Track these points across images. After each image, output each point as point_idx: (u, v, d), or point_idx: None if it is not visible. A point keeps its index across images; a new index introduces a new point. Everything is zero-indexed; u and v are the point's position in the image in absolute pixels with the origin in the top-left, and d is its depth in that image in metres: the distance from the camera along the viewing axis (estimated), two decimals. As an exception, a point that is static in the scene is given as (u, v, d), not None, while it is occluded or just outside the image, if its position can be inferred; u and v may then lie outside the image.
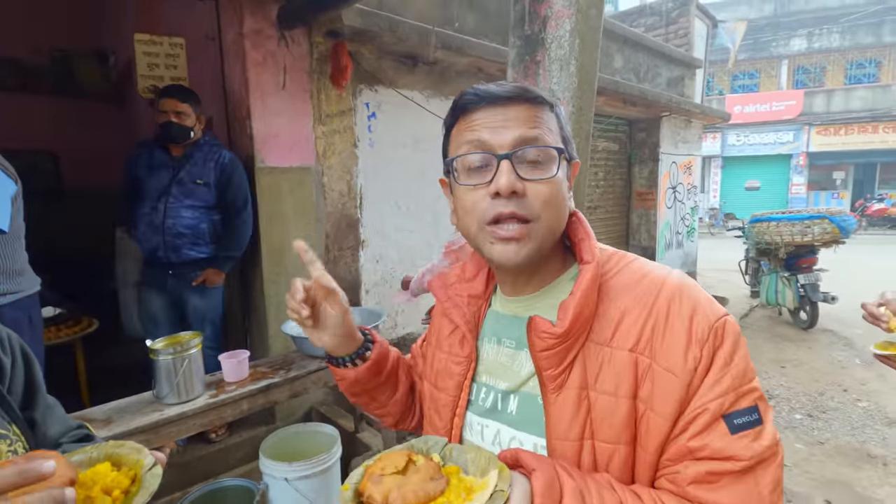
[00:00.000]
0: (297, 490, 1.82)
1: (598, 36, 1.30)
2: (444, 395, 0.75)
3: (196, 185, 2.35)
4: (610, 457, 0.59)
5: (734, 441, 0.54)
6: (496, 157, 0.61)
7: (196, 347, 1.70)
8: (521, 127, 0.62)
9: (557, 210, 0.63)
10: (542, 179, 0.61)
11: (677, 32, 6.87)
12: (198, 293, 2.44)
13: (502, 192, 0.60)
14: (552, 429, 0.62)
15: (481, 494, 0.50)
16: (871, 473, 2.81)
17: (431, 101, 3.30)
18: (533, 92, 0.64)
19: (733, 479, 0.54)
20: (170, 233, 2.35)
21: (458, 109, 0.66)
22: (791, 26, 18.11)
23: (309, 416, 2.76)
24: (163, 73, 2.41)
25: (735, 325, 0.60)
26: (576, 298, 0.61)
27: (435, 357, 0.80)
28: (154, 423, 1.55)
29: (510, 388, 0.69)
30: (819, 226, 5.03)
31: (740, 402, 0.56)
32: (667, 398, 0.57)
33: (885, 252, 11.08)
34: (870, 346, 1.20)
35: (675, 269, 0.67)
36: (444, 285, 0.78)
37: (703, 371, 0.57)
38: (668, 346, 0.58)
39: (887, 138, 16.72)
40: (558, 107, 0.68)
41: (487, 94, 0.63)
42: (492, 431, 0.70)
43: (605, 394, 0.60)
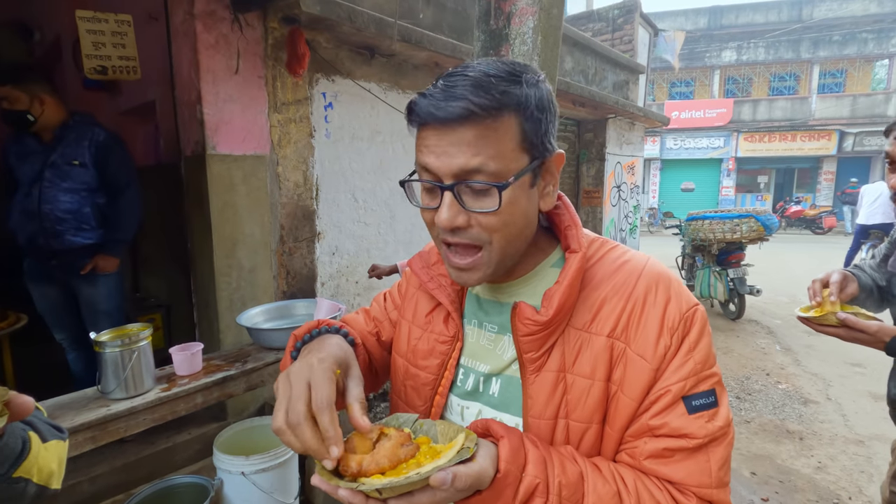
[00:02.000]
0: (254, 484, 1.78)
1: (559, 34, 1.37)
2: (425, 373, 0.74)
3: (71, 166, 2.24)
4: (582, 434, 0.63)
5: (691, 421, 0.59)
6: (440, 188, 0.59)
7: (146, 339, 1.62)
8: (464, 154, 0.57)
9: (513, 229, 0.62)
10: (486, 212, 0.59)
11: (622, 39, 7.20)
12: (88, 282, 2.33)
13: (444, 228, 0.60)
14: (529, 408, 0.64)
15: (449, 451, 0.53)
16: (790, 447, 3.10)
17: (389, 94, 3.29)
18: (482, 104, 0.55)
19: (686, 455, 0.59)
20: (48, 218, 2.22)
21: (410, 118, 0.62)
22: (723, 39, 19.41)
23: (262, 410, 2.69)
24: (110, 52, 2.25)
25: (703, 314, 0.64)
26: (561, 288, 0.62)
27: (411, 332, 0.79)
28: (101, 419, 1.47)
29: (492, 371, 0.70)
30: (747, 224, 5.46)
31: (700, 386, 0.60)
32: (637, 381, 0.60)
33: (801, 250, 12.17)
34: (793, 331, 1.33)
35: (651, 257, 0.69)
36: (426, 265, 0.78)
37: (670, 357, 0.61)
38: (642, 333, 0.62)
39: (804, 146, 18.32)
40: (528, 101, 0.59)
41: (430, 115, 0.57)
42: (473, 412, 0.71)
43: (581, 376, 0.62)
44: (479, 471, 0.52)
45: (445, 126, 0.57)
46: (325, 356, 0.61)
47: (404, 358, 0.79)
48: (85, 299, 2.36)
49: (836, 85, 19.06)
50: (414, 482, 0.49)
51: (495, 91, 0.57)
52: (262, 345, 2.04)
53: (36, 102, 2.17)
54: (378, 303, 0.92)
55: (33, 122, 2.18)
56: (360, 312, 0.93)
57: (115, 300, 2.43)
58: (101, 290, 2.36)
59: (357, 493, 0.49)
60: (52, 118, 2.23)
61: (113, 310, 2.41)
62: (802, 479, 2.76)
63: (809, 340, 5.23)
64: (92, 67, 2.24)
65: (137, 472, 2.20)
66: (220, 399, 1.82)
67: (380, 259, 3.38)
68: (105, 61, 2.22)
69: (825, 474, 2.80)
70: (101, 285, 2.36)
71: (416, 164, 0.62)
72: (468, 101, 0.55)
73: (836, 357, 4.70)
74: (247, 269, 2.57)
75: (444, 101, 0.56)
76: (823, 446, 3.10)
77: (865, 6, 17.64)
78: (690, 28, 18.34)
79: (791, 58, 18.79)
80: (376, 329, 0.88)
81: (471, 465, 0.52)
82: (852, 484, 2.70)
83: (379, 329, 0.88)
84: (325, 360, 0.59)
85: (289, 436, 0.53)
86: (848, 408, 3.66)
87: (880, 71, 19.17)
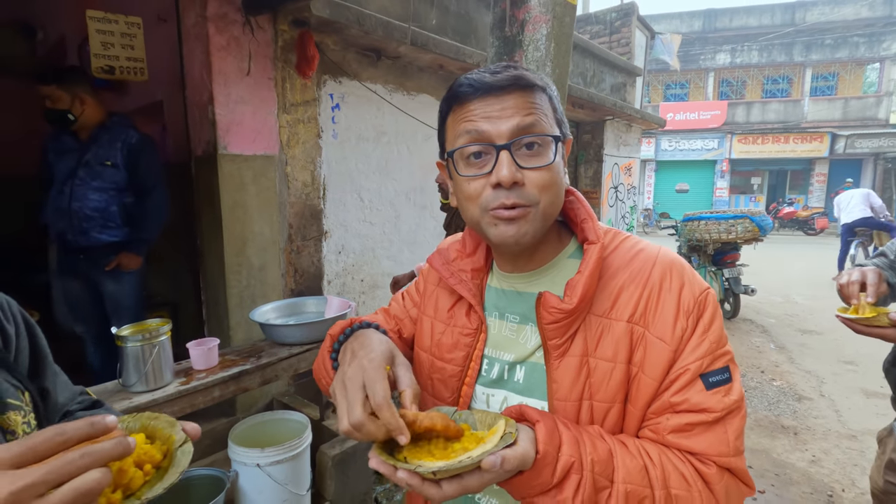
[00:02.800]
0: (269, 475, 1.83)
1: (570, 41, 1.42)
2: (452, 366, 0.77)
3: (104, 166, 2.33)
4: (605, 414, 0.66)
5: (709, 396, 0.63)
6: (495, 148, 0.64)
7: (166, 335, 1.67)
8: (518, 115, 0.64)
9: (555, 194, 0.67)
10: (540, 167, 0.64)
11: (620, 41, 7.29)
12: (112, 278, 2.41)
13: (504, 184, 0.64)
14: (555, 392, 0.68)
15: (494, 436, 0.57)
16: (785, 442, 3.18)
17: (394, 96, 3.34)
18: (527, 78, 0.65)
19: (706, 427, 0.63)
20: (77, 216, 2.32)
21: (453, 99, 0.67)
22: (717, 42, 19.60)
23: (270, 406, 2.73)
24: (118, 52, 2.29)
25: (714, 296, 0.68)
26: (584, 277, 0.66)
27: (433, 328, 0.81)
28: (123, 412, 1.51)
29: (517, 359, 0.73)
30: (742, 225, 5.55)
31: (715, 364, 0.64)
32: (657, 362, 0.64)
33: (793, 250, 12.32)
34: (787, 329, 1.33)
35: (662, 246, 0.73)
36: (446, 261, 0.81)
37: (687, 338, 0.65)
38: (659, 317, 0.66)
39: (796, 148, 18.53)
40: (551, 88, 0.69)
41: (482, 84, 0.64)
42: (498, 399, 0.74)
43: (603, 360, 0.66)
44: (523, 453, 0.56)
45: (497, 93, 0.64)
46: (374, 356, 0.64)
47: (428, 353, 0.81)
48: (109, 295, 2.45)
49: (829, 88, 19.29)
50: (466, 465, 0.53)
51: (529, 75, 0.67)
52: (274, 341, 2.09)
53: (77, 102, 2.29)
54: (397, 302, 0.95)
55: (74, 122, 2.29)
56: (380, 313, 0.95)
57: (137, 296, 2.53)
58: (125, 287, 2.45)
59: (415, 475, 0.54)
60: (91, 118, 2.34)
61: (134, 305, 2.51)
62: (797, 472, 2.83)
63: (803, 339, 5.33)
64: (99, 67, 2.28)
65: (150, 466, 2.23)
66: (236, 393, 1.87)
67: (384, 258, 3.43)
68: (113, 61, 2.26)
69: (819, 467, 2.88)
70: (125, 282, 2.45)
71: (461, 137, 0.67)
72: (513, 75, 0.65)
73: (830, 355, 4.80)
74: (256, 267, 2.61)
75: (491, 75, 0.65)
76: (817, 441, 3.19)
77: (857, 10, 17.87)
78: (685, 31, 18.51)
79: (784, 61, 19.00)
80: (398, 326, 0.91)
81: (515, 448, 0.56)
82: (846, 476, 2.78)
83: (400, 327, 0.91)
84: (375, 360, 0.63)
85: (357, 436, 0.58)
86: (841, 404, 3.74)
87: (871, 74, 19.42)
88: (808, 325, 5.81)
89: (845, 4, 17.88)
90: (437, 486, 0.54)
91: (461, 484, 0.54)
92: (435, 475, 0.53)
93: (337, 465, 2.15)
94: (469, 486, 0.55)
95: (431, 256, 0.84)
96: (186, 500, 1.83)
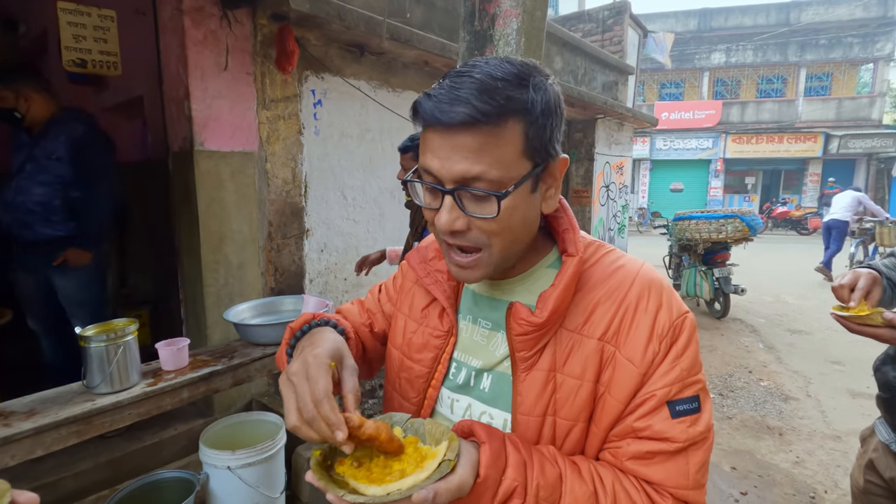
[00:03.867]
0: (240, 478, 1.79)
1: (542, 36, 1.39)
2: (419, 366, 0.76)
3: (49, 160, 2.33)
4: (568, 431, 0.65)
5: (673, 425, 0.61)
6: (441, 191, 0.60)
7: (132, 334, 1.63)
8: (466, 160, 0.57)
9: (512, 234, 0.62)
10: (485, 218, 0.59)
11: (612, 40, 7.26)
12: (61, 273, 2.40)
13: (441, 231, 0.61)
14: (519, 405, 0.66)
15: (432, 462, 0.55)
16: (770, 443, 3.17)
17: (378, 92, 3.30)
18: (486, 111, 0.55)
19: (666, 457, 0.61)
20: (20, 209, 2.33)
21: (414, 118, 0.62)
22: (712, 41, 19.62)
23: (249, 407, 2.69)
24: (90, 45, 2.25)
25: (693, 322, 0.65)
26: (557, 291, 0.64)
27: (406, 326, 0.80)
28: (86, 413, 1.47)
29: (484, 366, 0.71)
30: (732, 224, 5.54)
31: (684, 392, 0.62)
32: (624, 385, 0.62)
33: (786, 250, 12.36)
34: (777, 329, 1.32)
35: (646, 263, 0.70)
36: (423, 260, 0.80)
37: (658, 362, 0.62)
38: (632, 338, 0.63)
39: (790, 148, 18.59)
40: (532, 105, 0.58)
41: (433, 119, 0.57)
42: (462, 406, 0.73)
43: (571, 377, 0.64)
44: (459, 483, 0.54)
45: (448, 130, 0.57)
46: (319, 351, 0.62)
47: (399, 350, 0.80)
48: (60, 290, 2.44)
49: (823, 88, 19.36)
50: (395, 500, 0.52)
51: (500, 97, 0.56)
52: (249, 341, 2.05)
53: (21, 100, 2.28)
54: (373, 294, 0.94)
55: (21, 119, 2.29)
56: (356, 303, 0.94)
57: (91, 292, 2.49)
58: (74, 282, 2.43)
59: (342, 501, 0.52)
60: (39, 114, 2.33)
61: (88, 300, 2.48)
62: (781, 473, 2.82)
63: (791, 339, 5.33)
64: (71, 60, 2.23)
65: (122, 468, 2.20)
66: (207, 394, 1.83)
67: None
68: (85, 55, 2.21)
69: (802, 469, 2.87)
70: (74, 277, 2.42)
71: (419, 163, 0.62)
72: (472, 106, 0.55)
73: (817, 355, 4.81)
74: (235, 266, 2.57)
75: (448, 104, 0.56)
76: (802, 442, 3.18)
77: (851, 10, 17.93)
78: (680, 30, 18.53)
79: (779, 61, 19.05)
80: (370, 320, 0.90)
81: (451, 478, 0.54)
82: (828, 478, 2.77)
83: (372, 321, 0.90)
84: (320, 356, 0.61)
85: (305, 430, 0.55)
86: (826, 404, 3.74)
87: (865, 75, 19.51)
88: (798, 324, 5.82)
89: (840, 5, 17.93)
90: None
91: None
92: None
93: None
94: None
95: (410, 254, 0.83)
96: (156, 502, 1.79)
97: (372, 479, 0.55)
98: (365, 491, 0.54)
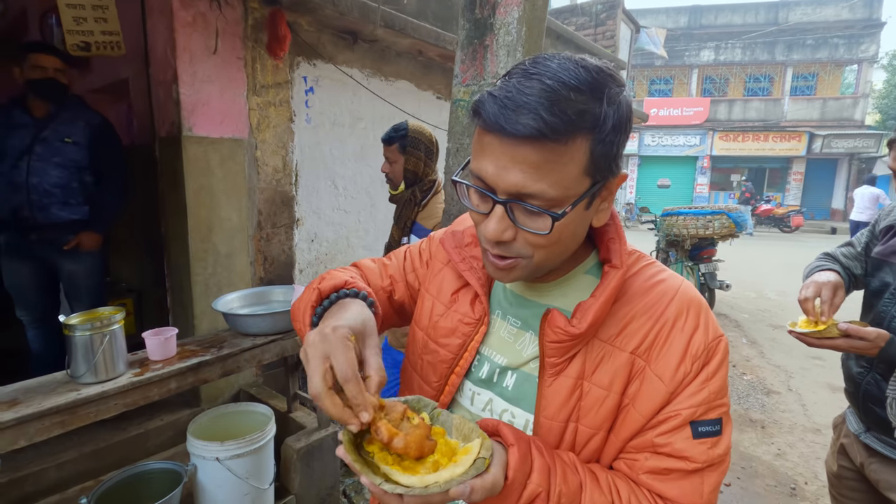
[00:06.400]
0: (229, 469, 1.77)
1: (543, 26, 1.37)
2: (445, 351, 0.74)
3: (64, 143, 2.33)
4: (588, 439, 0.64)
5: (694, 445, 0.60)
6: (494, 200, 0.58)
7: (118, 323, 1.59)
8: (525, 174, 0.54)
9: (553, 251, 0.61)
10: (534, 233, 0.58)
11: (605, 34, 7.26)
12: (71, 258, 2.40)
13: (488, 240, 0.60)
14: (543, 409, 0.65)
15: (467, 458, 0.55)
16: (752, 435, 3.24)
17: (371, 81, 3.25)
18: (555, 125, 0.51)
19: (682, 475, 0.60)
20: (35, 191, 2.29)
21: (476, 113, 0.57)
22: (702, 38, 19.76)
23: (237, 397, 2.66)
24: (92, 27, 2.16)
25: (727, 346, 0.64)
26: (598, 303, 0.62)
27: (434, 308, 0.78)
28: (70, 404, 1.44)
29: (509, 364, 0.70)
30: (718, 221, 5.61)
31: (709, 414, 0.61)
32: (650, 400, 0.61)
33: (769, 247, 12.58)
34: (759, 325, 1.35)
35: (685, 280, 0.68)
36: (459, 245, 0.77)
37: (687, 382, 0.61)
38: (665, 355, 0.62)
39: (775, 146, 18.87)
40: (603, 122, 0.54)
41: (496, 126, 0.54)
42: (483, 399, 0.72)
43: (598, 386, 0.63)
44: (493, 482, 0.53)
45: (511, 140, 0.53)
46: (339, 325, 0.58)
47: (424, 332, 0.78)
48: (67, 275, 2.42)
49: (808, 88, 19.65)
50: (433, 493, 0.51)
51: (571, 111, 0.52)
52: (238, 331, 2.02)
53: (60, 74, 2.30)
54: (397, 259, 0.89)
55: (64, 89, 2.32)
56: (377, 263, 0.89)
57: (98, 277, 2.52)
58: (84, 267, 2.43)
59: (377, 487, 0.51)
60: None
61: (95, 286, 2.50)
62: (763, 465, 2.88)
63: (774, 334, 5.43)
64: (75, 44, 2.15)
65: (107, 459, 2.16)
66: (195, 385, 1.80)
67: (359, 247, 3.36)
68: (88, 37, 2.13)
69: (784, 461, 2.93)
70: (84, 261, 2.42)
71: (472, 165, 0.59)
72: (541, 119, 0.51)
73: (799, 350, 4.91)
74: (223, 255, 2.53)
75: (514, 111, 0.52)
76: (783, 434, 3.25)
77: (838, 11, 18.18)
78: (671, 26, 18.62)
79: (766, 59, 19.26)
80: (391, 286, 0.86)
81: (486, 476, 0.53)
82: (808, 470, 2.84)
83: (393, 288, 0.86)
84: (339, 329, 0.57)
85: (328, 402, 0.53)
86: (807, 398, 3.83)
87: (849, 76, 19.85)
88: (780, 320, 5.93)
89: (827, 5, 18.17)
90: (399, 500, 0.52)
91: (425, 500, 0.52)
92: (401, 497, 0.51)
93: (302, 458, 2.10)
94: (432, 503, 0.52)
95: (444, 237, 0.79)
96: (142, 494, 1.76)
97: (404, 467, 0.54)
98: (400, 479, 0.52)
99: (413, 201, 1.99)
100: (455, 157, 1.74)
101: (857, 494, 1.39)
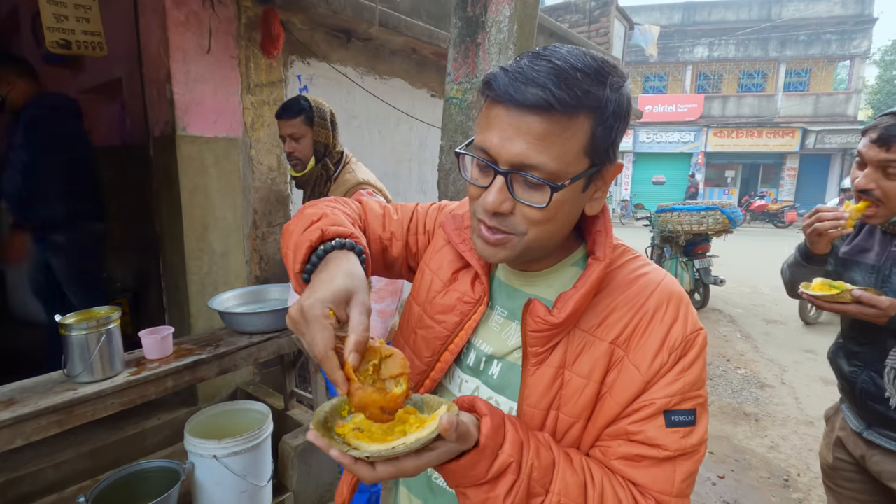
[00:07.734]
0: (226, 467, 1.78)
1: (535, 24, 1.39)
2: (440, 328, 0.74)
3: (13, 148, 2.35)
4: (569, 427, 0.66)
5: (667, 434, 0.61)
6: (495, 170, 0.59)
7: (115, 322, 1.60)
8: (529, 144, 0.56)
9: (548, 230, 0.62)
10: (533, 206, 0.59)
11: (598, 31, 7.28)
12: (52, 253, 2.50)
13: (485, 211, 0.61)
14: (526, 397, 0.66)
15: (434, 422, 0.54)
16: (746, 428, 3.27)
17: (365, 79, 3.26)
18: (562, 99, 0.54)
19: (654, 463, 0.62)
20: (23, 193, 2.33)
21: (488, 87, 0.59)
22: (696, 35, 19.81)
23: (234, 396, 2.67)
24: (73, 25, 2.15)
25: (705, 339, 0.66)
26: (578, 294, 0.63)
27: (432, 284, 0.78)
28: (67, 403, 1.44)
29: (495, 353, 0.72)
30: (712, 216, 5.65)
31: (683, 404, 0.62)
32: (626, 389, 0.63)
33: (763, 242, 12.66)
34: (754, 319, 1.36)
35: (668, 275, 0.70)
36: (459, 227, 0.77)
37: (663, 373, 0.63)
38: (643, 346, 0.63)
39: (769, 142, 18.96)
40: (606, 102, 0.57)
41: (506, 95, 0.56)
42: (471, 387, 0.73)
43: (578, 375, 0.65)
44: (465, 430, 0.53)
45: (518, 110, 0.55)
46: (314, 300, 0.57)
47: (421, 307, 0.78)
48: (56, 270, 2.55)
49: (801, 84, 19.74)
50: (400, 452, 0.51)
51: (578, 88, 0.55)
52: (234, 329, 2.03)
53: (3, 84, 2.29)
54: (403, 215, 0.87)
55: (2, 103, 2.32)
56: (382, 210, 0.87)
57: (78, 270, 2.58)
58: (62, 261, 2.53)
59: (346, 455, 0.51)
60: (16, 100, 2.33)
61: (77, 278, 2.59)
62: (756, 457, 2.92)
63: (767, 328, 5.48)
64: (54, 41, 2.14)
65: (105, 458, 2.17)
66: (192, 383, 1.81)
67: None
68: (68, 35, 2.12)
69: (777, 453, 2.97)
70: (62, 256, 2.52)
71: (476, 140, 0.61)
72: (549, 91, 0.54)
73: (792, 344, 4.95)
74: (219, 254, 2.53)
75: (524, 83, 0.55)
76: (777, 427, 3.28)
77: (830, 7, 18.27)
78: (665, 23, 18.64)
79: (760, 56, 19.33)
80: (389, 241, 0.85)
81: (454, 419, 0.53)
82: (801, 462, 2.88)
83: (391, 243, 0.85)
84: (315, 306, 0.56)
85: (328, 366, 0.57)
86: (801, 391, 3.87)
87: (842, 71, 19.95)
88: (773, 314, 5.98)
89: (819, 1, 18.25)
90: (370, 468, 0.52)
91: (396, 466, 0.52)
92: (369, 458, 0.52)
93: (300, 455, 2.11)
94: (405, 469, 0.53)
95: (445, 220, 0.80)
96: (140, 492, 1.77)
97: (374, 440, 0.55)
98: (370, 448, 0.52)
99: (326, 175, 1.87)
100: (448, 155, 1.75)
101: (853, 485, 1.40)
